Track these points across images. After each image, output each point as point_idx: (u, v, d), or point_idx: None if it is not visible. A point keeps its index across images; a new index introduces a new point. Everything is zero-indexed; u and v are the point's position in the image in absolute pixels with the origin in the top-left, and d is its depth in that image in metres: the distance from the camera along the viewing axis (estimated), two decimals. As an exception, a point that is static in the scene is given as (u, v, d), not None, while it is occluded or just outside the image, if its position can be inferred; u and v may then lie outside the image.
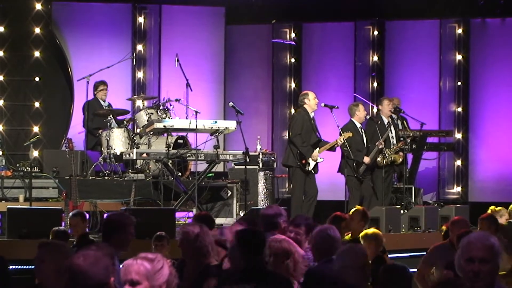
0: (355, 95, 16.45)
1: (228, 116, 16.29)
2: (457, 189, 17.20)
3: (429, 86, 17.29)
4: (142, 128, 14.07)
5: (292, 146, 13.52)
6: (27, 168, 13.26)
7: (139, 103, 15.45)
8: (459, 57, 17.26)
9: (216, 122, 13.67)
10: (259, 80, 17.81)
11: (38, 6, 16.04)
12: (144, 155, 13.23)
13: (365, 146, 13.88)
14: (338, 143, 13.52)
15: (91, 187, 13.16)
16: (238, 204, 13.65)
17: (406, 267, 5.56)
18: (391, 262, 8.15)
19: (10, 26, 15.98)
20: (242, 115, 13.28)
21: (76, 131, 15.60)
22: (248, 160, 13.22)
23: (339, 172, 13.97)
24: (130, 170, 13.89)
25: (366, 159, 13.73)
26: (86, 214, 9.96)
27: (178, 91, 14.39)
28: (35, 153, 14.63)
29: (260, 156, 14.41)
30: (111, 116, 14.26)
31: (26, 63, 16.10)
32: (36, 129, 15.93)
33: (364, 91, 17.13)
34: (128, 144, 13.93)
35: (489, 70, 17.05)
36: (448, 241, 8.59)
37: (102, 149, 14.14)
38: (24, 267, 9.77)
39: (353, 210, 9.48)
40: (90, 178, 13.72)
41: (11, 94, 16.06)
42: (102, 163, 14.01)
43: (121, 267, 4.27)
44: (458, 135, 17.18)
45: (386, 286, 5.46)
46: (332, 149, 13.63)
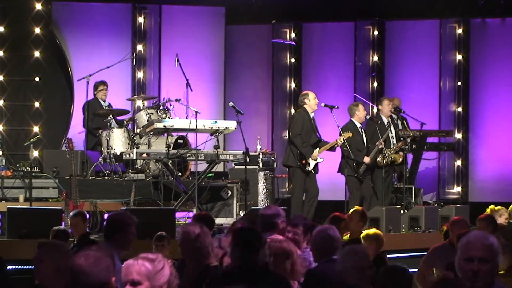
0: (355, 95, 16.45)
1: (228, 116, 16.28)
2: (457, 189, 17.19)
3: (429, 86, 17.28)
4: (142, 128, 14.07)
5: (292, 146, 13.52)
6: (27, 168, 13.25)
7: (139, 103, 15.44)
8: (459, 57, 17.26)
9: (216, 122, 13.66)
10: (259, 80, 17.80)
11: (38, 6, 16.03)
12: (144, 155, 13.23)
13: (365, 146, 13.88)
14: (338, 143, 13.52)
15: (91, 187, 13.16)
16: (238, 204, 13.64)
17: (406, 267, 5.55)
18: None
19: (10, 26, 15.98)
20: (242, 115, 13.27)
21: (76, 131, 15.59)
22: (248, 160, 13.21)
23: (339, 172, 13.97)
24: (130, 170, 13.89)
25: (366, 159, 13.73)
26: (87, 214, 9.96)
27: (178, 91, 14.39)
28: (35, 153, 14.62)
29: (260, 156, 14.40)
30: (111, 116, 14.26)
31: (26, 63, 16.09)
32: (36, 129, 15.92)
33: (364, 91, 17.13)
34: (128, 144, 13.93)
35: (489, 70, 17.04)
36: (448, 241, 8.59)
37: (102, 149, 14.13)
38: (24, 267, 9.79)
39: (351, 210, 9.50)
40: (90, 178, 13.71)
41: (11, 94, 16.05)
42: (102, 163, 14.00)
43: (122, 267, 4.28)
44: (458, 135, 17.18)
45: (386, 286, 5.45)
46: (332, 149, 13.63)
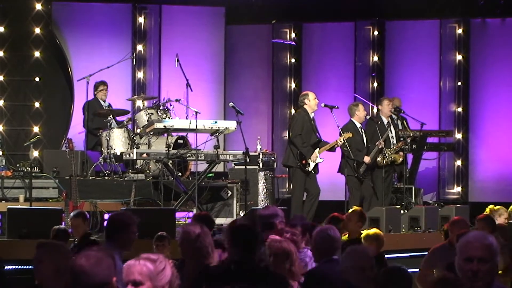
0: (355, 95, 16.45)
1: (228, 116, 16.28)
2: (457, 189, 17.19)
3: (429, 86, 17.28)
4: (142, 128, 14.07)
5: (292, 146, 13.52)
6: (27, 168, 13.25)
7: (139, 103, 15.44)
8: (459, 57, 17.25)
9: (216, 122, 13.66)
10: (259, 80, 17.80)
11: (38, 6, 16.03)
12: (144, 155, 13.22)
13: (365, 146, 13.88)
14: (338, 144, 13.52)
15: (91, 187, 13.16)
16: (238, 204, 13.64)
17: (405, 268, 5.54)
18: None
19: (10, 26, 15.97)
20: (242, 115, 13.27)
21: (76, 131, 15.59)
22: (248, 160, 13.21)
23: (339, 172, 13.97)
24: (130, 170, 13.88)
25: (367, 159, 13.73)
26: (87, 214, 9.95)
27: (178, 91, 14.39)
28: (35, 153, 14.62)
29: (260, 156, 14.40)
30: (111, 116, 14.26)
31: (26, 63, 16.08)
32: (36, 129, 15.92)
33: (364, 91, 17.12)
34: (128, 144, 13.92)
35: (489, 70, 17.04)
36: (447, 241, 8.59)
37: (102, 149, 14.13)
38: (24, 267, 9.78)
39: (350, 211, 9.50)
40: (90, 178, 13.71)
41: (11, 94, 16.05)
42: (102, 163, 14.00)
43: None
44: (458, 135, 17.17)
45: (386, 287, 5.44)
46: (332, 149, 13.62)
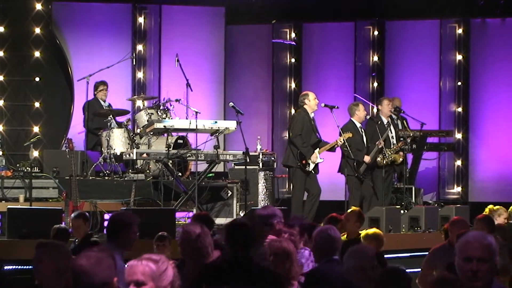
0: (355, 95, 16.44)
1: (228, 116, 16.28)
2: (457, 189, 17.19)
3: (429, 86, 17.28)
4: (142, 128, 14.07)
5: (292, 146, 13.52)
6: (27, 168, 13.25)
7: (139, 103, 15.45)
8: (459, 57, 17.25)
9: (216, 122, 13.66)
10: (259, 80, 17.80)
11: (38, 6, 16.03)
12: (144, 155, 13.23)
13: (365, 145, 13.88)
14: (338, 144, 13.52)
15: (91, 187, 13.16)
16: (238, 204, 13.64)
17: (404, 269, 5.53)
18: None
19: (10, 26, 15.97)
20: (242, 115, 13.27)
21: (76, 131, 15.59)
22: (248, 160, 13.21)
23: (339, 172, 13.97)
24: (130, 170, 13.88)
25: (367, 158, 13.73)
26: (88, 215, 9.95)
27: (178, 91, 14.39)
28: (35, 153, 14.62)
29: (260, 156, 14.40)
30: (111, 116, 14.26)
31: (26, 63, 16.08)
32: (36, 129, 15.91)
33: (364, 91, 17.12)
34: (128, 144, 13.92)
35: (489, 70, 17.04)
36: (447, 241, 8.58)
37: (102, 149, 14.13)
38: (24, 267, 9.78)
39: (348, 211, 9.49)
40: (90, 178, 13.71)
41: (11, 94, 16.05)
42: (102, 163, 14.00)
43: (126, 267, 4.29)
44: (458, 135, 17.17)
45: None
46: (332, 149, 13.62)
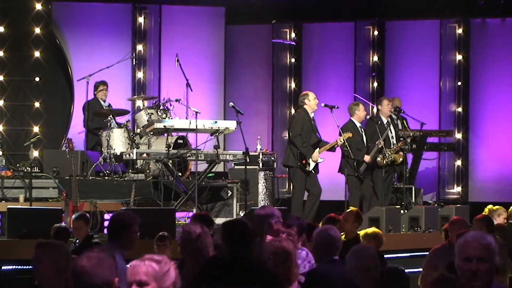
0: (355, 95, 16.45)
1: (228, 116, 16.28)
2: (457, 189, 17.19)
3: (429, 86, 17.28)
4: (142, 128, 14.07)
5: (292, 146, 13.52)
6: (27, 168, 13.25)
7: (139, 103, 15.45)
8: (459, 57, 17.25)
9: (216, 122, 13.66)
10: (259, 80, 17.80)
11: (38, 6, 16.03)
12: (144, 155, 13.22)
13: (365, 145, 13.88)
14: (338, 144, 13.52)
15: (91, 187, 13.16)
16: (238, 204, 13.64)
17: (403, 269, 5.53)
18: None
19: (10, 26, 15.97)
20: (242, 115, 13.27)
21: (76, 131, 15.59)
22: (248, 160, 13.21)
23: (339, 172, 13.97)
24: (130, 170, 13.88)
25: (367, 158, 13.73)
26: (89, 217, 9.95)
27: (178, 91, 14.39)
28: (35, 153, 14.62)
29: (260, 156, 14.40)
30: (111, 116, 14.25)
31: (26, 63, 16.08)
32: (36, 129, 15.91)
33: (364, 91, 17.12)
34: (128, 144, 13.92)
35: (489, 70, 17.03)
36: (447, 241, 8.58)
37: (102, 149, 14.13)
38: (24, 267, 9.78)
39: (346, 211, 9.48)
40: (90, 178, 13.71)
41: (11, 94, 16.05)
42: (102, 163, 14.00)
43: (127, 267, 4.28)
44: (458, 135, 17.17)
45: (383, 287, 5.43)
46: (332, 149, 13.62)
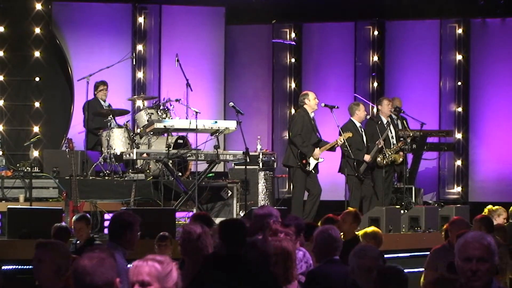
0: (355, 95, 16.46)
1: (228, 116, 16.28)
2: (457, 189, 17.19)
3: (429, 86, 17.28)
4: (142, 128, 14.06)
5: (292, 146, 13.52)
6: (27, 168, 13.25)
7: (139, 103, 15.45)
8: (459, 57, 17.26)
9: (216, 122, 13.66)
10: (259, 80, 17.80)
11: (38, 6, 16.03)
12: (144, 155, 13.22)
13: (365, 145, 13.88)
14: (338, 143, 13.52)
15: (91, 187, 13.15)
16: (238, 204, 13.64)
17: (401, 268, 5.51)
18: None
19: (10, 26, 15.97)
20: (242, 115, 13.26)
21: (76, 131, 15.59)
22: (248, 160, 13.20)
23: (339, 172, 13.97)
24: (130, 170, 13.88)
25: (367, 157, 13.74)
26: (90, 218, 9.94)
27: (178, 91, 14.38)
28: (35, 153, 14.62)
29: (260, 156, 14.40)
30: (111, 116, 14.25)
31: (26, 63, 16.07)
32: (36, 129, 15.91)
33: (364, 91, 17.13)
34: (128, 144, 13.92)
35: (489, 70, 17.04)
36: (447, 241, 8.58)
37: (102, 149, 14.13)
38: (24, 267, 9.78)
39: (344, 212, 9.47)
40: (90, 178, 13.71)
41: (11, 94, 16.05)
42: (102, 163, 14.00)
43: (128, 267, 4.29)
44: (458, 135, 17.18)
45: (381, 287, 5.41)
46: (332, 149, 13.63)
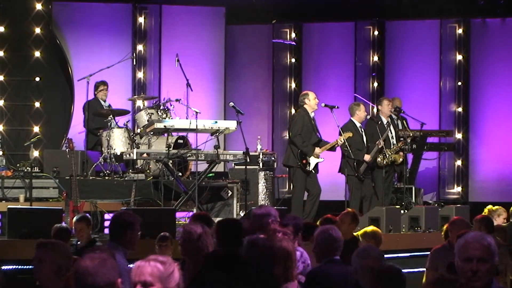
0: (355, 95, 16.46)
1: (229, 116, 16.28)
2: (457, 189, 17.20)
3: (429, 86, 17.28)
4: (142, 128, 14.06)
5: (292, 146, 13.52)
6: (28, 168, 13.25)
7: (139, 103, 15.46)
8: (459, 57, 17.26)
9: (216, 122, 13.65)
10: (259, 80, 17.81)
11: (38, 6, 16.03)
12: (145, 155, 13.22)
13: (365, 145, 13.89)
14: (338, 143, 13.52)
15: (91, 187, 13.15)
16: (238, 204, 13.64)
17: (400, 268, 5.51)
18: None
19: (10, 26, 15.97)
20: (242, 115, 13.26)
21: (76, 131, 15.59)
22: (248, 160, 13.20)
23: (339, 172, 13.98)
24: (131, 170, 13.88)
25: (367, 157, 13.74)
26: (90, 218, 9.94)
27: (178, 91, 14.38)
28: (36, 153, 14.62)
29: (261, 156, 14.40)
30: (111, 116, 14.25)
31: (26, 63, 16.07)
32: (36, 129, 15.91)
33: (364, 91, 17.13)
34: (129, 144, 13.92)
35: (489, 70, 17.04)
36: (447, 241, 8.58)
37: (103, 149, 14.12)
38: (24, 267, 9.78)
39: (343, 212, 9.46)
40: (91, 178, 13.71)
41: (11, 94, 16.05)
42: (102, 163, 14.00)
43: (129, 267, 4.29)
44: (458, 135, 17.18)
45: (380, 286, 5.41)
46: (332, 149, 13.63)
